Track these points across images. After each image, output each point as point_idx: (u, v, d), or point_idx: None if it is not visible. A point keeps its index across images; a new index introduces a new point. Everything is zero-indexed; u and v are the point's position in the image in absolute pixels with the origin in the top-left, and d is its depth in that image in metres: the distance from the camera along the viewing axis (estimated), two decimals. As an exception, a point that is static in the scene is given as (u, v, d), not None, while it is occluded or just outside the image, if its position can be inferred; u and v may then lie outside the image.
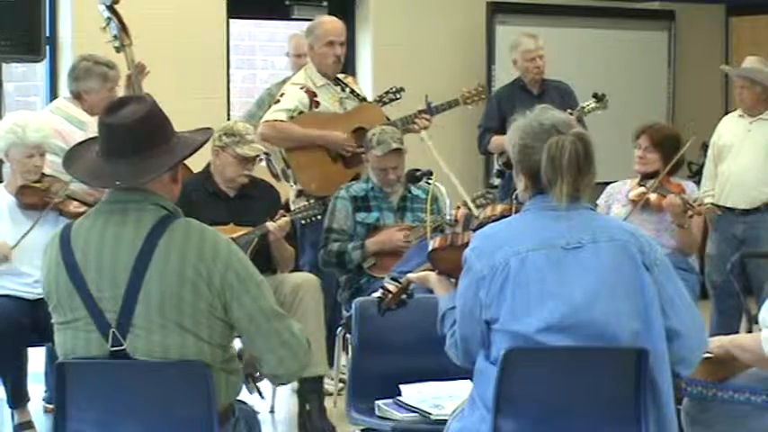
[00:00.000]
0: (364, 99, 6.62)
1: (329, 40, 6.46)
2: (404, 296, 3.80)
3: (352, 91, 6.55)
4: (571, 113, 6.64)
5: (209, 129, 3.45)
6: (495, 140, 7.42)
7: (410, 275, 3.77)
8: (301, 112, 6.36)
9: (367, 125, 6.35)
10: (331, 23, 6.60)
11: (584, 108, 7.13)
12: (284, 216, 5.70)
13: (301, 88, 6.42)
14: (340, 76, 6.56)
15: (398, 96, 6.68)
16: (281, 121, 6.31)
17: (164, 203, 3.25)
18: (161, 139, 3.25)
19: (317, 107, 6.41)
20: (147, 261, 3.15)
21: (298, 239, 6.33)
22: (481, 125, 7.66)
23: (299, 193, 6.38)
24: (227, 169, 5.72)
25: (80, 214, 4.29)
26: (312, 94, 6.41)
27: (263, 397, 3.64)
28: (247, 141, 5.70)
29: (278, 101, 6.44)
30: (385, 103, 6.67)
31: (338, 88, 6.50)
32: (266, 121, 6.32)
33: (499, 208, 3.67)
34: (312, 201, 5.92)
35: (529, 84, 7.63)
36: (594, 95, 7.21)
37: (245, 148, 5.68)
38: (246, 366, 3.43)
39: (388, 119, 6.50)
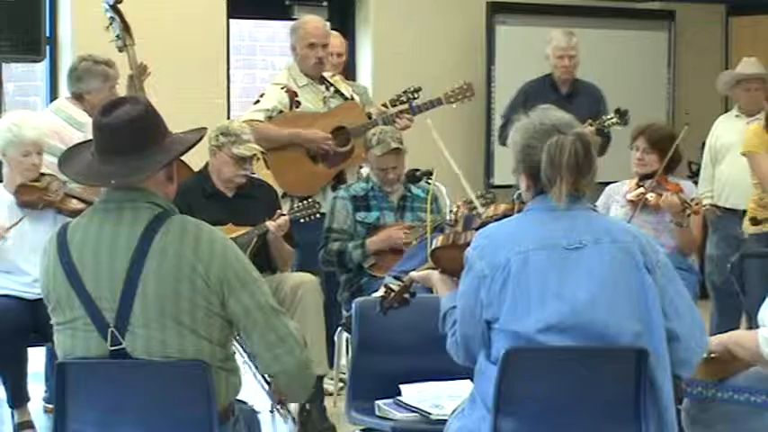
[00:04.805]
0: (348, 98, 6.55)
1: (310, 42, 6.42)
2: (406, 295, 3.80)
3: (337, 90, 6.51)
4: (591, 124, 6.58)
5: (203, 128, 3.46)
6: None
7: (413, 274, 3.77)
8: (281, 112, 6.34)
9: (347, 124, 6.34)
10: (314, 25, 6.53)
11: (604, 121, 6.93)
12: (282, 215, 5.70)
13: (282, 88, 6.38)
14: (326, 74, 6.52)
15: (416, 96, 6.58)
16: (258, 121, 6.27)
17: (159, 201, 3.25)
18: (155, 138, 3.25)
19: (297, 107, 6.37)
20: (144, 259, 3.15)
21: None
22: (504, 115, 7.47)
23: (283, 195, 6.34)
24: (223, 169, 5.71)
25: (79, 211, 4.29)
26: (293, 94, 6.37)
27: (295, 423, 3.62)
28: (243, 141, 5.68)
29: (257, 101, 6.39)
30: (403, 103, 6.62)
31: (322, 87, 6.45)
32: (244, 122, 6.26)
33: (502, 207, 3.67)
34: (310, 200, 5.92)
35: (558, 82, 7.51)
36: (617, 111, 6.96)
37: (242, 147, 5.66)
38: (276, 392, 3.42)
39: (370, 117, 6.48)
